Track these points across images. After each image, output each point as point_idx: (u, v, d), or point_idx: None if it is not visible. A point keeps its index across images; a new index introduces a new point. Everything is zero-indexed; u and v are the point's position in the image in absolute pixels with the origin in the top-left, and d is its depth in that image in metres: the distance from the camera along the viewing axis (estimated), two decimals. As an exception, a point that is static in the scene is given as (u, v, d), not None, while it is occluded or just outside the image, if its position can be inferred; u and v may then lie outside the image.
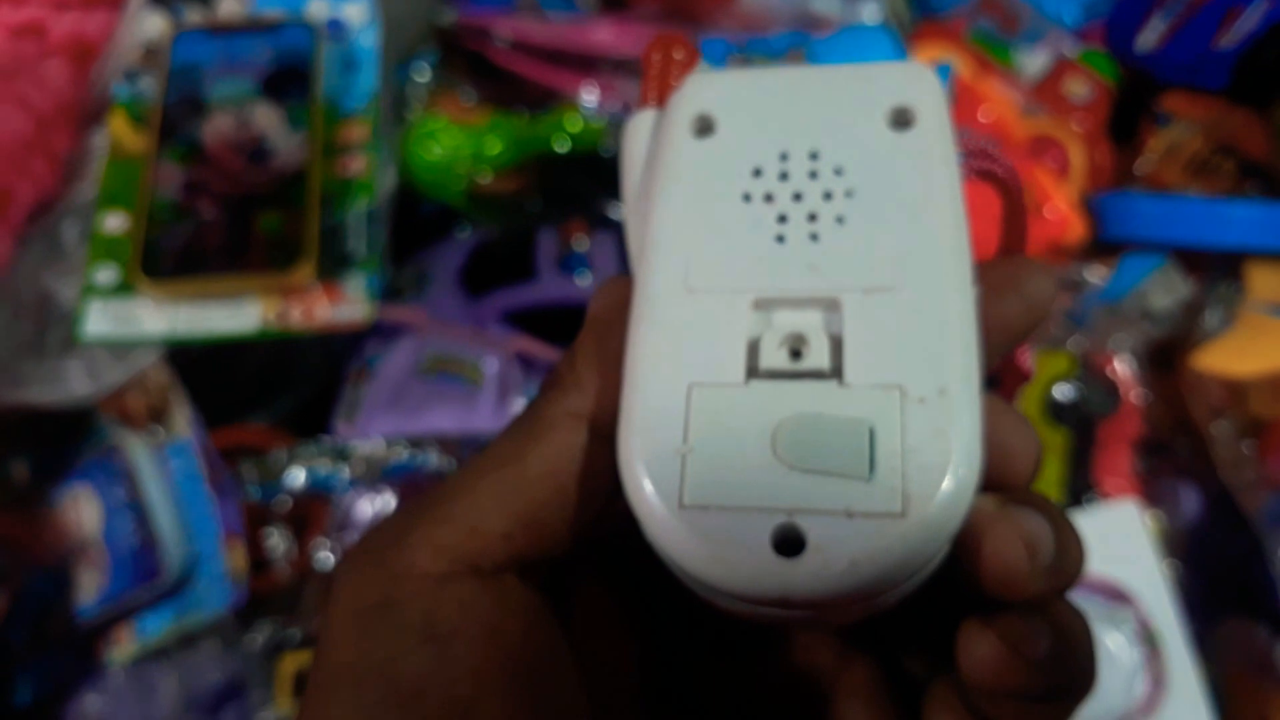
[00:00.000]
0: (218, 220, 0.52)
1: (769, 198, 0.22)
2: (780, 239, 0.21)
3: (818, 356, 0.20)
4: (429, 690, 0.19)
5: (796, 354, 0.20)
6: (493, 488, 0.21)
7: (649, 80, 0.25)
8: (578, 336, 0.23)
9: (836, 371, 0.20)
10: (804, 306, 0.20)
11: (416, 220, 0.70)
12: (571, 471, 0.21)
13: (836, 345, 0.20)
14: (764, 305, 0.21)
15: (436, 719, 0.19)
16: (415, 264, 0.68)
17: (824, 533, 0.18)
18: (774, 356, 0.20)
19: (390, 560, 0.20)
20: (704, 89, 0.23)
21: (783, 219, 0.21)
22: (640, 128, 0.24)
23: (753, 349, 0.20)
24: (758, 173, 0.22)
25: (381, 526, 0.22)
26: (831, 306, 0.20)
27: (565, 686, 0.21)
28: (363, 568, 0.21)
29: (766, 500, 0.18)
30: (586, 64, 0.69)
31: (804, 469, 0.18)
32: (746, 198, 0.22)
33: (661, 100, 0.24)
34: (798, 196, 0.22)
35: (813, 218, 0.21)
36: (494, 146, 0.67)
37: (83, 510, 0.56)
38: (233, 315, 0.51)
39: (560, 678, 0.21)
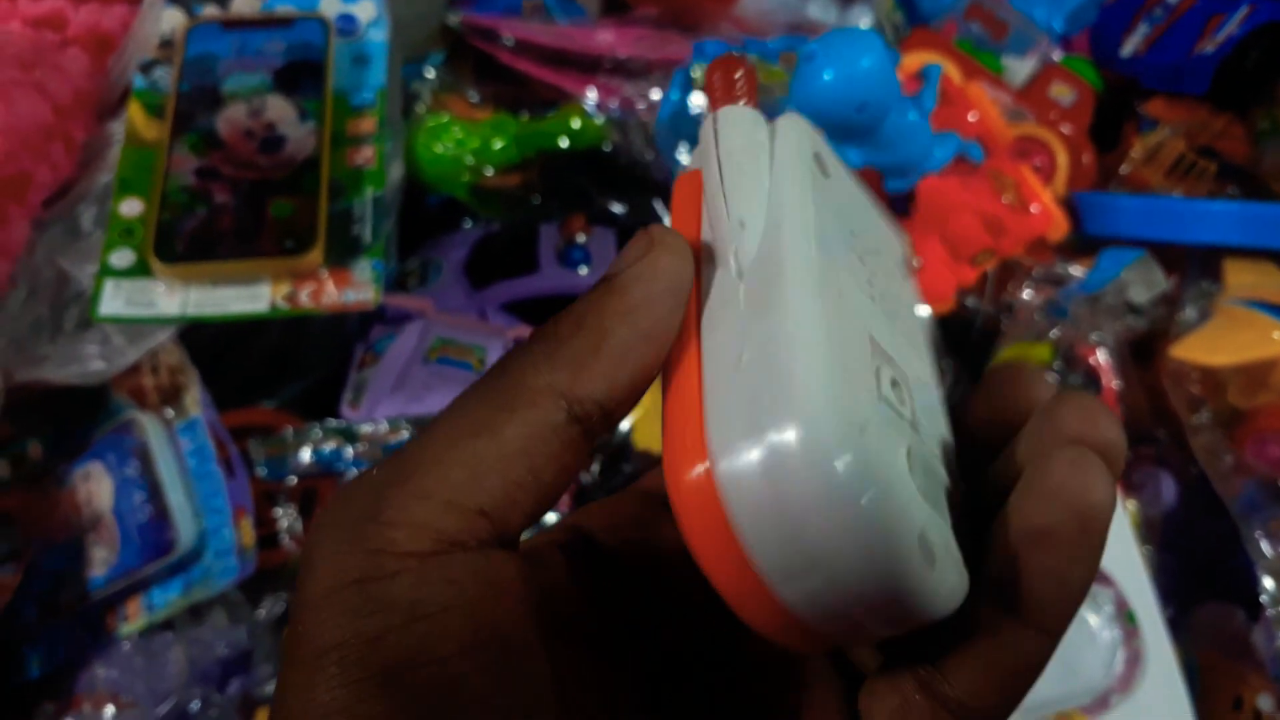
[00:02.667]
0: (231, 206, 0.54)
1: (861, 257, 0.24)
2: (869, 295, 0.24)
3: (908, 408, 0.22)
4: (418, 668, 0.19)
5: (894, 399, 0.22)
6: (466, 460, 0.20)
7: (717, 90, 0.25)
8: (589, 299, 0.22)
9: (915, 427, 0.22)
10: (892, 362, 0.23)
11: (422, 214, 0.72)
12: (546, 452, 0.21)
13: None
14: (874, 345, 0.22)
15: (425, 696, 0.19)
16: (421, 255, 0.70)
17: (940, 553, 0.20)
18: (887, 391, 0.21)
19: (368, 537, 0.20)
20: (810, 132, 0.25)
21: (869, 280, 0.24)
22: (738, 123, 0.24)
23: (877, 377, 0.22)
24: (853, 233, 0.25)
25: (352, 496, 0.21)
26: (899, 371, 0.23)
27: (541, 657, 0.21)
28: (340, 544, 0.20)
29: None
30: (589, 65, 0.72)
31: (929, 500, 0.20)
32: (851, 248, 0.24)
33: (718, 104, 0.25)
34: (862, 260, 0.24)
35: (870, 283, 0.24)
36: (498, 143, 0.69)
37: (94, 486, 0.57)
38: (244, 297, 0.53)
39: (537, 649, 0.21)
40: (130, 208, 0.55)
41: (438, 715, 0.18)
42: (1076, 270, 0.62)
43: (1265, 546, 0.53)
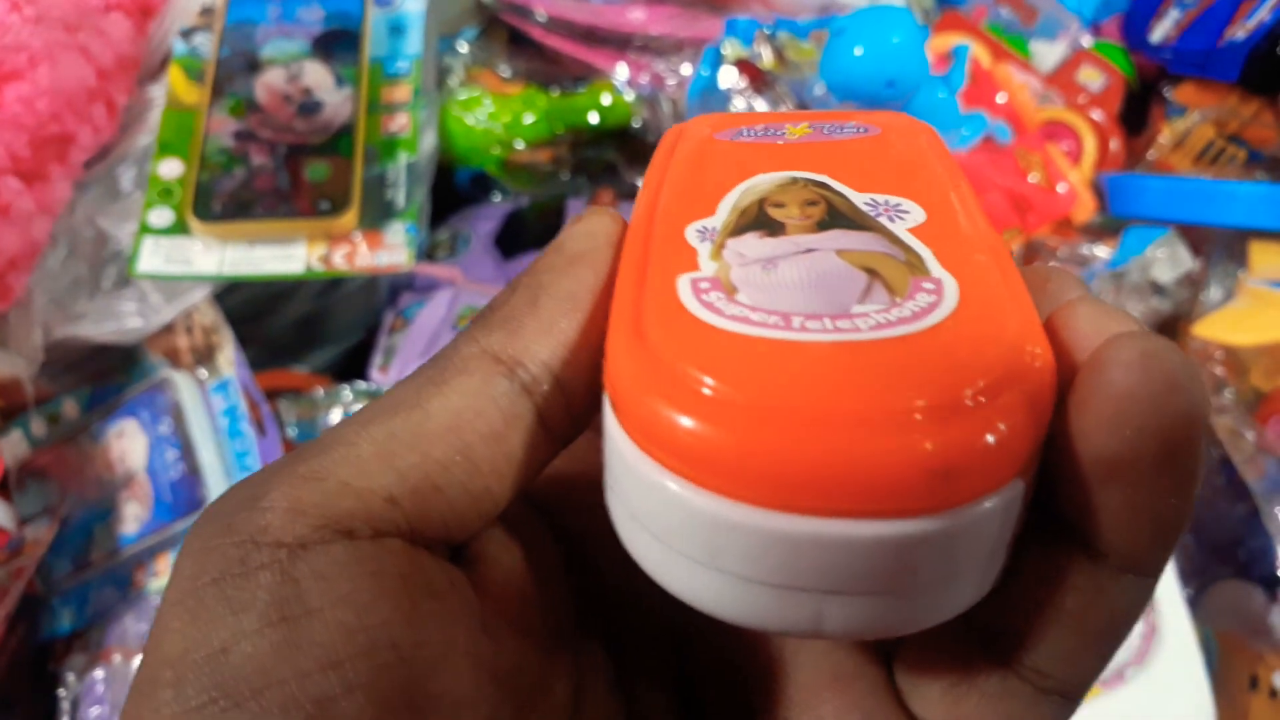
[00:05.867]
0: (268, 167, 0.55)
1: None
2: None
3: None
4: (270, 686, 0.15)
5: None
6: (378, 438, 0.17)
7: None
8: (529, 266, 0.20)
9: None
10: None
11: (453, 188, 0.73)
12: (481, 429, 0.17)
13: None
14: None
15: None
16: (450, 227, 0.71)
17: None
18: None
19: (238, 526, 0.16)
20: None
21: None
22: None
23: None
24: None
25: (238, 487, 0.17)
26: None
27: (460, 676, 0.16)
28: (207, 537, 0.16)
29: None
30: (620, 42, 0.72)
31: None
32: None
33: None
34: None
35: None
36: (528, 118, 0.70)
37: (128, 444, 0.58)
38: (280, 257, 0.54)
39: (454, 665, 0.16)
40: (170, 168, 0.56)
41: None
42: (1101, 251, 0.63)
43: (1286, 525, 0.54)
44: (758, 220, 0.18)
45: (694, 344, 0.15)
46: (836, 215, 0.18)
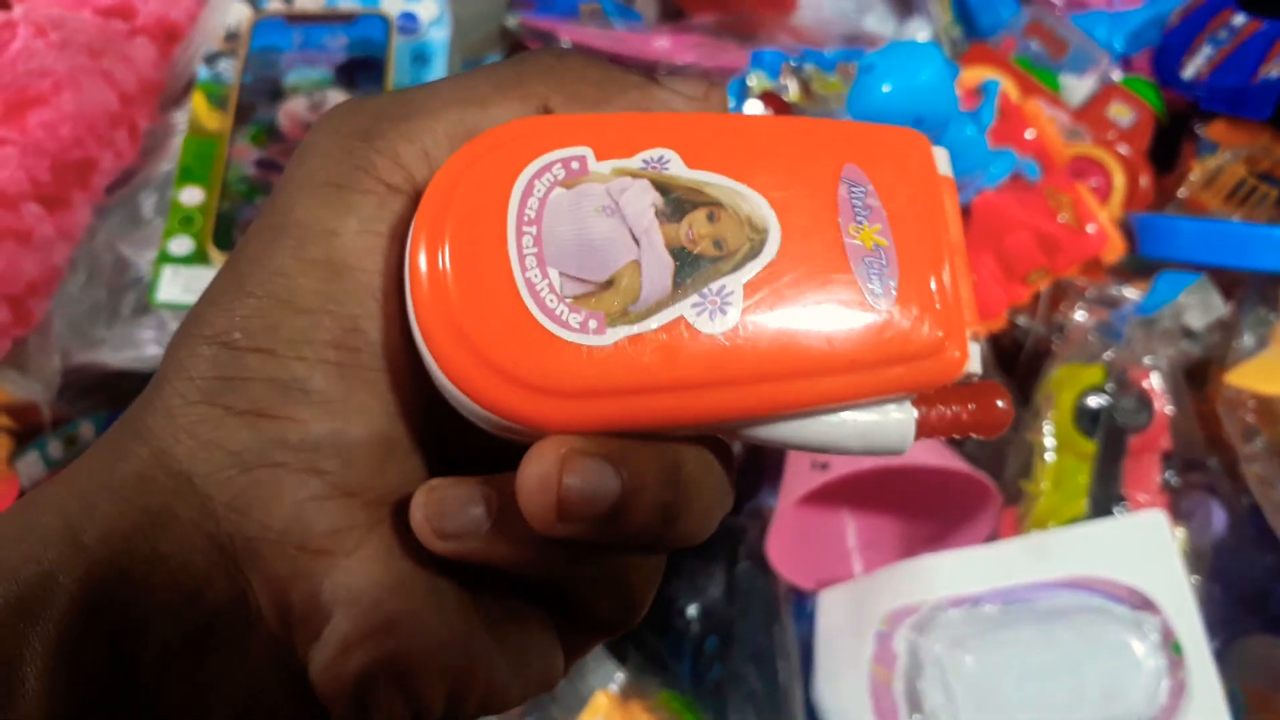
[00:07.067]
0: (289, 197, 0.55)
1: None
2: None
3: None
4: (359, 270, 0.21)
5: None
6: (454, 121, 0.22)
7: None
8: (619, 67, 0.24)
9: None
10: None
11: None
12: None
13: None
14: None
15: (360, 292, 0.21)
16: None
17: None
18: None
19: (356, 152, 0.22)
20: None
21: None
22: None
23: None
24: None
25: (357, 110, 0.23)
26: None
27: None
28: (332, 148, 0.22)
29: None
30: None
31: None
32: None
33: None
34: None
35: None
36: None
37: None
38: (299, 288, 0.54)
39: None
40: (191, 196, 0.56)
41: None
42: (1130, 292, 0.62)
43: (1318, 580, 0.53)
44: (689, 200, 0.22)
45: (472, 241, 0.21)
46: (705, 262, 0.21)
